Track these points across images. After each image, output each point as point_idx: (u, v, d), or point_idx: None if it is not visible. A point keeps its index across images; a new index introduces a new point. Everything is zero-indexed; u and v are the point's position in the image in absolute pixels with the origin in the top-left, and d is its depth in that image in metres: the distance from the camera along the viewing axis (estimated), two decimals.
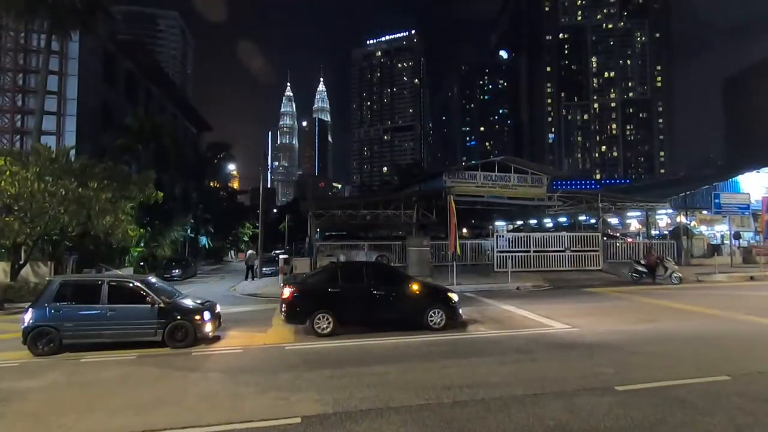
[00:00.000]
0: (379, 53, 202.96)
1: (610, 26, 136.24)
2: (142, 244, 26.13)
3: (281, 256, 20.94)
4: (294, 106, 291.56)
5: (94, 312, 8.09)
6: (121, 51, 31.98)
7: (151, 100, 37.85)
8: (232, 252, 56.24)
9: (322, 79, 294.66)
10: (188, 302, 8.85)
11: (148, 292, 8.28)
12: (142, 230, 21.23)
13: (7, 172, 14.85)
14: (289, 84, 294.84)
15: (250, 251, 26.31)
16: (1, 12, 22.54)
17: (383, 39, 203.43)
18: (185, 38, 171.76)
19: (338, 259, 18.19)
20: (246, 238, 53.98)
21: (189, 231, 38.08)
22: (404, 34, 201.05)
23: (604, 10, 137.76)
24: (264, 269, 24.33)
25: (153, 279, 9.47)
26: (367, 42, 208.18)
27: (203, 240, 44.82)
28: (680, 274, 16.37)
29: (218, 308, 9.19)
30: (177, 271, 25.91)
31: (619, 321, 9.67)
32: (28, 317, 7.91)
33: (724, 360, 6.45)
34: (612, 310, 11.17)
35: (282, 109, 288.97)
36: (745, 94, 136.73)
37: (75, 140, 25.16)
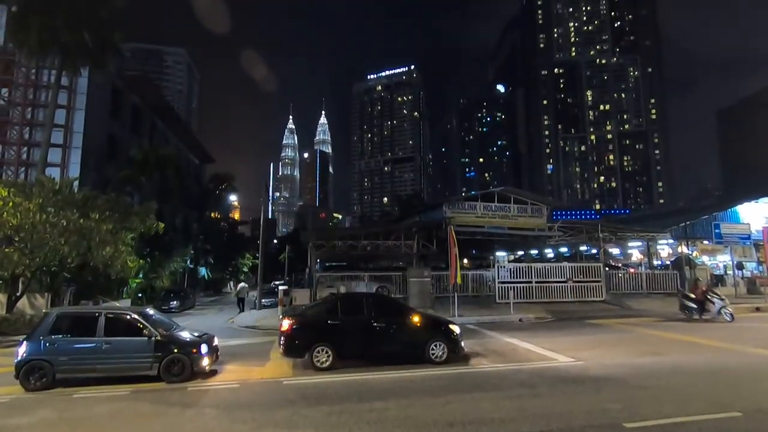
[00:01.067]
0: (380, 87, 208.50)
1: (603, 61, 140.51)
2: (141, 276, 25.95)
3: (281, 288, 20.75)
4: (296, 138, 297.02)
5: (89, 345, 7.94)
6: (128, 86, 32.86)
7: (156, 133, 38.58)
8: (232, 283, 55.74)
9: (323, 112, 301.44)
10: (185, 335, 8.70)
11: (145, 324, 8.16)
12: (141, 261, 21.15)
13: (11, 204, 14.95)
14: (291, 116, 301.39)
15: (241, 284, 25.95)
16: (15, 49, 23.35)
17: (383, 74, 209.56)
18: (191, 73, 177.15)
19: (338, 291, 18.02)
20: (246, 269, 53.63)
21: (189, 262, 37.90)
22: (404, 69, 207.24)
23: (597, 47, 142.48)
24: (263, 300, 24.06)
25: (150, 311, 9.35)
26: (368, 77, 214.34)
27: (202, 271, 44.53)
28: (731, 309, 14.02)
29: (216, 341, 9.02)
30: (175, 302, 25.62)
31: (624, 354, 9.46)
32: (22, 350, 7.76)
33: (736, 395, 6.27)
34: (617, 343, 10.95)
35: (284, 141, 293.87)
36: (739, 126, 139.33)
37: (79, 172, 25.47)
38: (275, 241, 78.15)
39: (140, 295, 26.40)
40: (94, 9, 21.09)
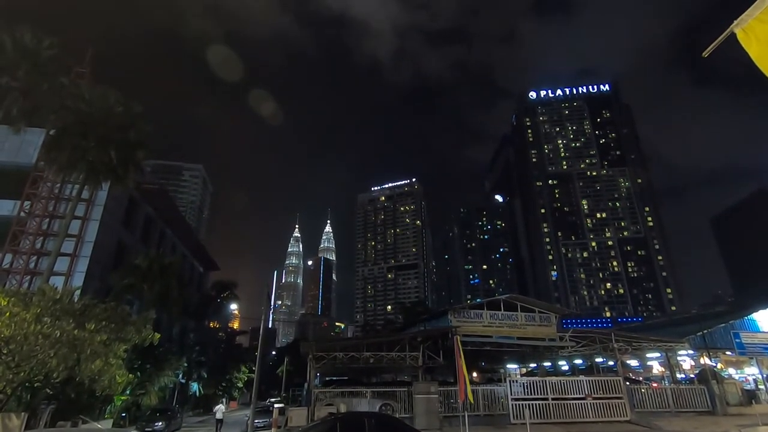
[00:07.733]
0: (383, 198, 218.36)
1: (594, 173, 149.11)
2: (127, 392, 24.24)
3: (276, 405, 19.22)
4: (301, 246, 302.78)
5: None
6: (143, 197, 34.41)
7: (164, 241, 39.48)
8: (224, 400, 51.77)
9: (328, 221, 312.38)
10: None
11: None
12: (131, 375, 19.92)
13: (7, 314, 14.66)
14: (297, 226, 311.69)
15: (218, 405, 24.39)
16: (45, 166, 25.16)
17: (386, 186, 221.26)
18: (205, 186, 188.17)
19: (338, 410, 16.64)
20: (241, 384, 50.19)
21: (180, 376, 35.67)
22: (406, 181, 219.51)
23: (586, 160, 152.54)
24: (256, 421, 22.01)
25: None
26: (372, 188, 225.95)
27: (194, 386, 41.66)
28: None
29: None
30: (160, 423, 23.47)
31: None
32: None
33: None
34: None
35: (289, 249, 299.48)
36: (735, 231, 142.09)
37: (83, 280, 25.46)
38: (274, 352, 74.66)
39: (124, 414, 24.36)
40: (124, 132, 23.18)
